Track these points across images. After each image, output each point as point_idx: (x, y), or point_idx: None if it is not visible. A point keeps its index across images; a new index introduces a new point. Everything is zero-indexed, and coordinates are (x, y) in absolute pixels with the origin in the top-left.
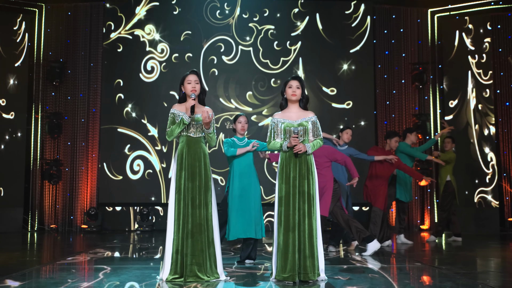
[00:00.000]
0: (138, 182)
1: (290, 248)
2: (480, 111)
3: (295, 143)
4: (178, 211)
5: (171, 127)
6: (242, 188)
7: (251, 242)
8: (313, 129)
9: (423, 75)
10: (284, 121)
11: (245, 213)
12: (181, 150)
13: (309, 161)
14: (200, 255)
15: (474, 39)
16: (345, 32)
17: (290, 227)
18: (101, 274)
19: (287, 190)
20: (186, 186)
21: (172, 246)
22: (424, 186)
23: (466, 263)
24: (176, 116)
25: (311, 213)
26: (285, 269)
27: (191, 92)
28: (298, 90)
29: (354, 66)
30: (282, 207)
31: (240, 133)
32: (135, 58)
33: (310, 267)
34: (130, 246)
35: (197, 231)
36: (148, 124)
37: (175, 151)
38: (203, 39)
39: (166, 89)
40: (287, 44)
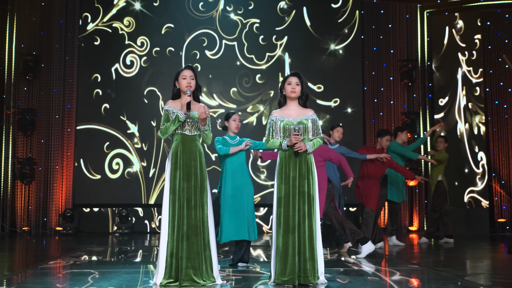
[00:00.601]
0: (117, 182)
1: (290, 251)
2: (470, 110)
3: (296, 141)
4: (173, 212)
5: (165, 124)
6: (235, 188)
7: (244, 244)
8: (313, 127)
9: (412, 72)
10: (283, 119)
11: (238, 214)
12: (175, 148)
13: (309, 161)
14: (196, 258)
15: (464, 36)
16: (333, 27)
17: (290, 229)
18: (90, 278)
19: (286, 190)
20: (181, 186)
21: (166, 249)
22: (413, 187)
23: (463, 265)
24: (170, 113)
25: (311, 214)
26: (284, 273)
27: (186, 88)
28: (298, 87)
29: (342, 63)
30: (282, 208)
31: (234, 131)
32: (114, 52)
33: (310, 270)
34: (109, 250)
35: (193, 233)
36: (127, 121)
37: (169, 150)
38: (185, 33)
39: (146, 84)
40: (273, 39)
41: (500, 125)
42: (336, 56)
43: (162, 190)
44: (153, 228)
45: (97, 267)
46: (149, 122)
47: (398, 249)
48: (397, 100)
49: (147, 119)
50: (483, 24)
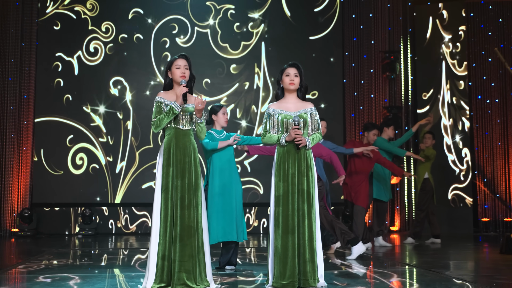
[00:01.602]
0: (81, 179)
1: (289, 252)
2: (455, 105)
3: (296, 134)
4: (165, 212)
5: (158, 116)
6: (223, 186)
7: (232, 246)
8: (312, 121)
9: (395, 65)
10: (281, 112)
11: (226, 214)
12: (168, 143)
13: (308, 157)
14: (190, 261)
15: (448, 27)
16: (313, 15)
17: (289, 229)
18: (72, 283)
19: (285, 188)
20: (175, 184)
21: (157, 251)
22: (393, 185)
23: (459, 266)
24: (162, 105)
25: (311, 214)
26: (284, 276)
27: (181, 78)
28: (297, 79)
29: (321, 53)
30: (280, 207)
31: (222, 126)
32: (76, 38)
33: (311, 273)
34: (79, 252)
35: (187, 235)
36: (92, 114)
37: (161, 145)
38: (154, 18)
39: (111, 73)
40: (249, 26)
41: (483, 121)
42: (316, 47)
43: (130, 188)
44: (119, 228)
45: (73, 271)
46: (115, 114)
47: (385, 250)
48: (378, 94)
49: (113, 111)
50: (467, 15)
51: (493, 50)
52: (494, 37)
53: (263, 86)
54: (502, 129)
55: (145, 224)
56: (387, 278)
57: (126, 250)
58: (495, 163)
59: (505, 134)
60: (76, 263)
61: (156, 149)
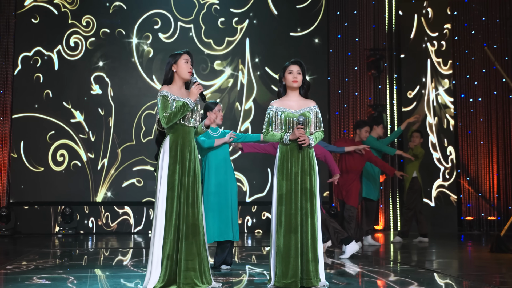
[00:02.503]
0: (61, 177)
1: (292, 252)
2: (440, 103)
3: (300, 133)
4: (170, 210)
5: (170, 111)
6: (219, 185)
7: (227, 245)
8: (314, 120)
9: (380, 62)
10: (284, 110)
11: (222, 213)
12: (175, 141)
13: (311, 156)
14: (195, 259)
15: (433, 25)
16: (298, 11)
17: (292, 228)
18: (69, 283)
19: (288, 187)
20: (180, 182)
21: (162, 250)
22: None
23: (451, 264)
24: (169, 99)
25: (314, 213)
26: (286, 275)
27: (189, 74)
28: (300, 76)
29: (306, 50)
30: (283, 206)
31: (217, 123)
32: (56, 32)
33: (313, 272)
34: (66, 253)
35: (191, 233)
36: (72, 110)
37: (164, 142)
38: (136, 13)
39: (93, 69)
40: (233, 22)
41: (467, 120)
42: (300, 43)
43: (112, 185)
44: (99, 225)
45: (66, 271)
46: (97, 110)
47: (374, 248)
48: (363, 92)
49: (94, 107)
50: (452, 13)
51: (483, 49)
52: (478, 35)
53: (247, 83)
54: (486, 128)
55: (126, 222)
56: (385, 277)
57: (114, 250)
58: (479, 162)
59: (489, 133)
60: (66, 263)
61: (139, 146)
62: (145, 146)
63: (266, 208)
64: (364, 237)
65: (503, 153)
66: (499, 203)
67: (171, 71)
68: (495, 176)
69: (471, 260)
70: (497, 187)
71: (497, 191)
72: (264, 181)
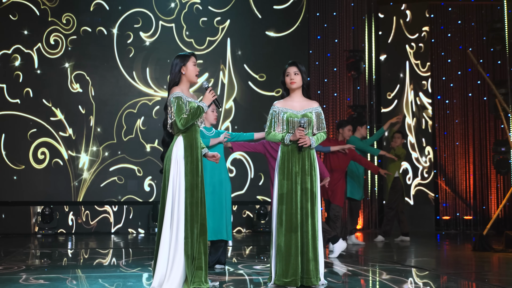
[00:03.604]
0: (42, 174)
1: (292, 251)
2: (418, 105)
3: (301, 135)
4: (191, 211)
5: (188, 114)
6: (214, 185)
7: (221, 245)
8: (317, 121)
9: (360, 64)
10: (287, 110)
11: (216, 213)
12: (190, 140)
13: (312, 156)
14: (202, 258)
15: (412, 27)
16: (279, 12)
17: (292, 228)
18: (68, 283)
19: (289, 187)
20: (195, 182)
21: (184, 251)
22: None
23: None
24: (184, 101)
25: (314, 213)
26: (286, 274)
27: (196, 77)
28: (297, 77)
29: (287, 51)
30: (283, 206)
31: (212, 123)
32: (35, 30)
33: (313, 272)
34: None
35: (201, 232)
36: (53, 108)
37: (176, 142)
38: (117, 11)
39: (73, 67)
40: (215, 22)
41: (444, 121)
42: (281, 44)
43: (92, 184)
44: (79, 224)
45: (60, 271)
46: (77, 108)
47: (358, 247)
48: (342, 93)
49: (74, 105)
50: (430, 16)
51: (466, 52)
52: (456, 38)
53: (228, 83)
54: (462, 129)
55: (106, 221)
56: (379, 276)
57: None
58: (456, 163)
59: (466, 134)
60: (57, 263)
61: (120, 144)
62: (126, 145)
63: (246, 207)
64: (348, 236)
65: (479, 154)
66: (475, 203)
67: (180, 73)
68: (471, 176)
69: (457, 259)
70: (473, 187)
71: (473, 191)
72: (244, 178)
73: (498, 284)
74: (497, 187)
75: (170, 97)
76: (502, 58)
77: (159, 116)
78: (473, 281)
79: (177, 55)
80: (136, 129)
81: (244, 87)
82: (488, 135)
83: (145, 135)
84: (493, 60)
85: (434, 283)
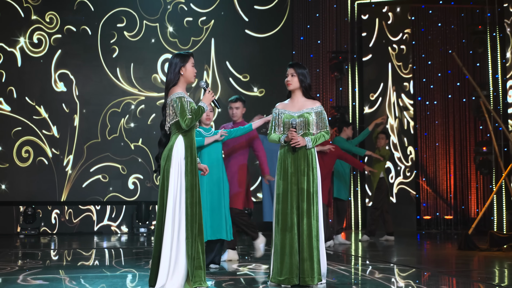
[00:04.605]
0: (24, 174)
1: (286, 250)
2: (401, 106)
3: (292, 136)
4: (191, 211)
5: (192, 114)
6: (212, 184)
7: (217, 244)
8: (317, 120)
9: (343, 65)
10: (285, 111)
11: (214, 212)
12: (190, 142)
13: (309, 156)
14: (200, 257)
15: (394, 29)
16: (264, 13)
17: (287, 227)
18: (67, 282)
19: (284, 186)
20: (195, 182)
21: (186, 251)
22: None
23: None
24: (185, 101)
25: (311, 212)
26: (281, 272)
27: (195, 78)
28: (294, 78)
29: (271, 51)
30: (280, 205)
31: (205, 123)
32: (18, 28)
33: (308, 271)
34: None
35: (199, 232)
36: (36, 106)
37: (176, 142)
38: (101, 10)
39: (57, 66)
40: (199, 22)
41: (425, 122)
42: (265, 44)
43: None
44: (62, 223)
45: (56, 271)
46: (61, 107)
47: (344, 247)
48: (325, 93)
49: (58, 104)
50: (411, 18)
51: (451, 55)
52: (437, 41)
53: (212, 82)
54: (443, 130)
55: (89, 219)
56: (371, 275)
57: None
58: (437, 163)
59: (446, 135)
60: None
61: (105, 144)
62: (110, 144)
63: None
64: (335, 236)
65: (459, 154)
66: (456, 202)
67: (180, 74)
68: (452, 176)
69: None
70: (454, 187)
71: (454, 191)
72: None
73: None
74: (477, 187)
75: (172, 97)
76: (481, 61)
77: (142, 116)
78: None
79: (176, 54)
80: (120, 128)
81: (227, 87)
82: (468, 136)
83: (129, 134)
84: (473, 62)
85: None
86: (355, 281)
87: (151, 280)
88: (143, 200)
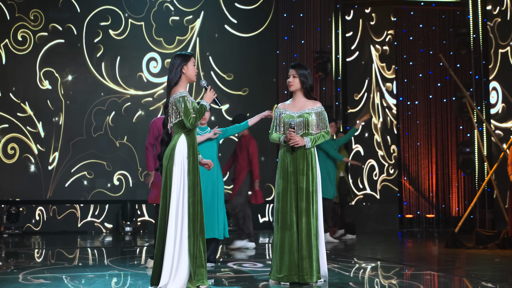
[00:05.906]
0: (8, 173)
1: (286, 248)
2: (384, 106)
3: (290, 136)
4: (193, 210)
5: (195, 113)
6: (206, 183)
7: (211, 243)
8: (317, 120)
9: (327, 65)
10: (285, 112)
11: (207, 211)
12: (192, 141)
13: (309, 156)
14: (202, 256)
15: (377, 30)
16: (249, 12)
17: (286, 225)
18: (67, 282)
19: (284, 185)
20: (197, 182)
21: (188, 250)
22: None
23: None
24: (190, 101)
25: (310, 211)
26: (280, 270)
27: (196, 77)
28: (295, 79)
29: (256, 51)
30: (279, 204)
31: (201, 122)
32: (2, 26)
33: (307, 269)
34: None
35: (200, 231)
36: (22, 104)
37: (179, 141)
38: (86, 8)
39: (42, 64)
40: (184, 21)
41: (406, 122)
42: (250, 44)
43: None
44: (46, 220)
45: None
46: (46, 105)
47: (333, 245)
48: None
49: (43, 102)
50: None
51: (438, 56)
52: (419, 42)
53: (197, 82)
54: (425, 130)
55: (73, 216)
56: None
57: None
58: (419, 162)
59: (428, 135)
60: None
61: (90, 141)
62: (96, 141)
63: None
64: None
65: (441, 154)
66: (437, 201)
67: (181, 72)
68: (434, 175)
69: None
70: (436, 187)
71: (436, 190)
72: None
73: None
74: (458, 186)
75: (175, 96)
76: (462, 62)
77: (128, 114)
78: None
79: (177, 54)
80: (106, 125)
81: (212, 86)
82: (450, 136)
83: (114, 132)
84: (454, 63)
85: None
86: (354, 280)
87: (154, 279)
88: (128, 199)
